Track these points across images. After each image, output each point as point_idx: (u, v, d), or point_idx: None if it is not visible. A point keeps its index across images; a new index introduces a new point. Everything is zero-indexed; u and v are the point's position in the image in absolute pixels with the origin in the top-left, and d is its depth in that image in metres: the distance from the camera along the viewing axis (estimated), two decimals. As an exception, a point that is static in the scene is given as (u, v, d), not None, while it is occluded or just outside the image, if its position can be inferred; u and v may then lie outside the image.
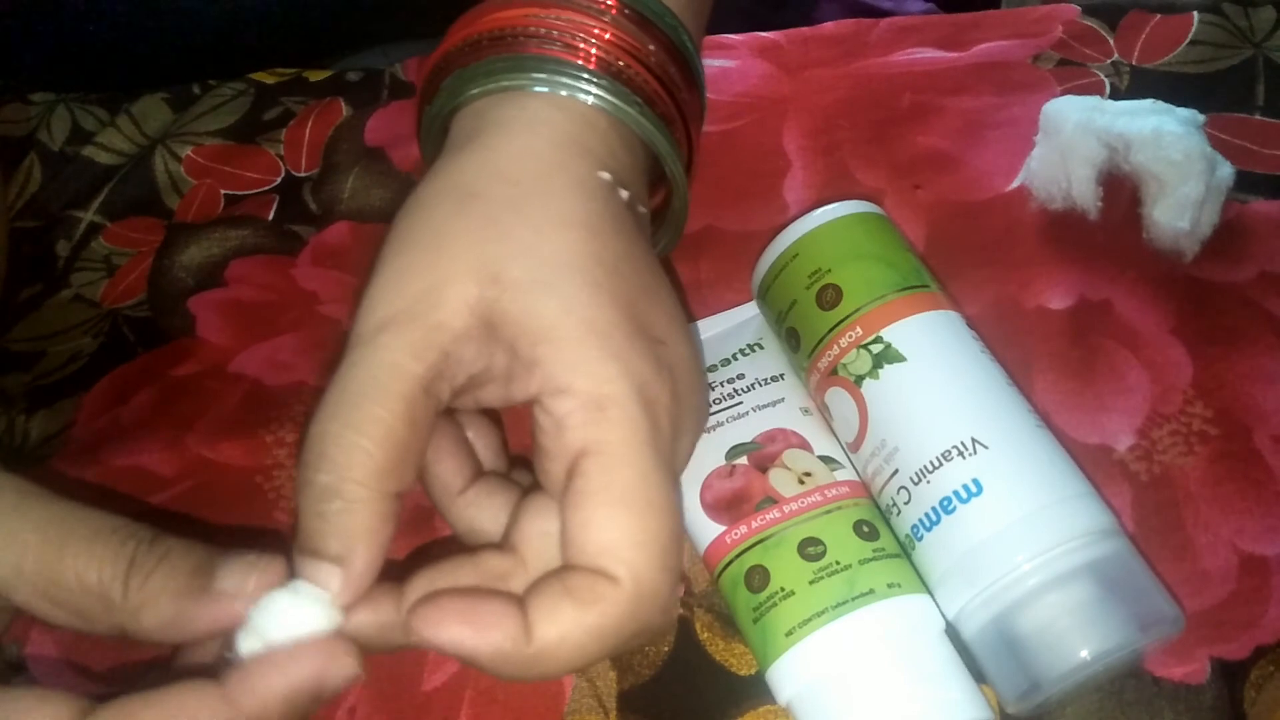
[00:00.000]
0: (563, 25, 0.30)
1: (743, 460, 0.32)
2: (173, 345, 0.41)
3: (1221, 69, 0.42)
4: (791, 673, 0.29)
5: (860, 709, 0.28)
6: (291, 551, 0.25)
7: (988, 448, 0.29)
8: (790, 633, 0.29)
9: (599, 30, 0.30)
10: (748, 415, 0.33)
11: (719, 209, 0.41)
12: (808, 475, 0.31)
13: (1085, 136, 0.37)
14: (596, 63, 0.30)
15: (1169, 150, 0.35)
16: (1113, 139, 0.36)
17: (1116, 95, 0.41)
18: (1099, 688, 0.30)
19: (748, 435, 0.33)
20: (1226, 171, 0.36)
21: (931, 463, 0.29)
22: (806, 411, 0.34)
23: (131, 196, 0.45)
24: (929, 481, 0.29)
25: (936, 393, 0.30)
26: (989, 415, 0.30)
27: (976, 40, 0.44)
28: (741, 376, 0.35)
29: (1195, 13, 0.43)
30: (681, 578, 0.26)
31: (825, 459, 0.32)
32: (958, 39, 0.44)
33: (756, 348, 0.36)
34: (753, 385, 0.34)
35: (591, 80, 0.30)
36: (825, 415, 0.33)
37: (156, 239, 0.44)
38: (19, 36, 0.52)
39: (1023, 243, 0.38)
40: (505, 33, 0.30)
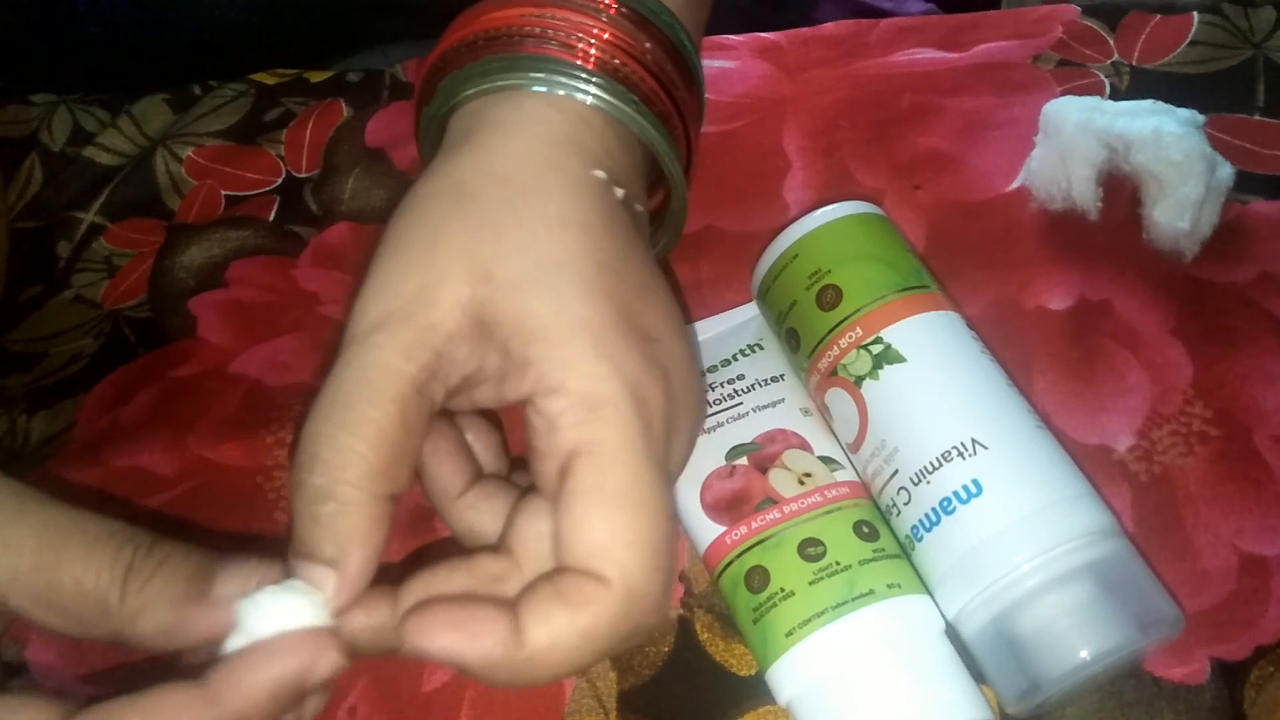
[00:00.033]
0: (559, 25, 0.30)
1: (743, 461, 0.32)
2: (173, 346, 0.41)
3: (1221, 69, 0.42)
4: (791, 673, 0.29)
5: (860, 709, 0.28)
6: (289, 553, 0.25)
7: (987, 448, 0.29)
8: (790, 633, 0.29)
9: (595, 29, 0.30)
10: (748, 416, 0.33)
11: (719, 209, 0.41)
12: (808, 476, 0.32)
13: (1085, 137, 0.37)
14: (593, 62, 0.30)
15: (1169, 151, 0.35)
16: (1113, 139, 0.36)
17: (1116, 96, 0.41)
18: (1099, 688, 0.30)
19: (748, 436, 0.33)
20: (1226, 172, 0.36)
21: (931, 463, 0.29)
22: (806, 412, 0.34)
23: (132, 197, 0.45)
24: (929, 482, 0.29)
25: (936, 393, 0.30)
26: (989, 416, 0.30)
27: (976, 41, 0.44)
28: (741, 377, 0.35)
29: (1195, 13, 0.43)
30: (676, 578, 0.26)
31: (825, 459, 0.32)
32: (958, 39, 0.44)
33: (756, 348, 0.36)
34: (753, 386, 0.34)
35: (588, 79, 0.30)
36: (825, 416, 0.33)
37: (157, 240, 0.44)
38: (20, 38, 0.52)
39: (1022, 243, 0.38)
40: (501, 32, 0.30)
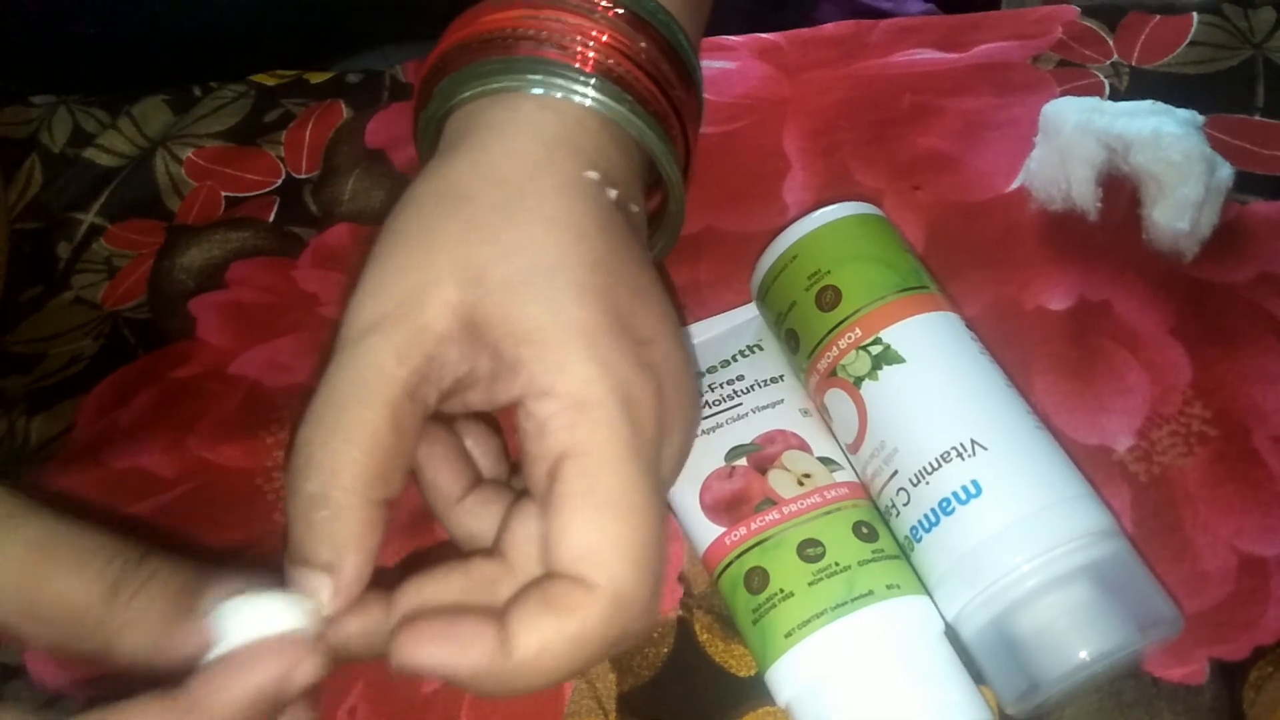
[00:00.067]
0: (555, 26, 0.30)
1: (742, 462, 0.32)
2: (173, 347, 0.41)
3: (1221, 70, 0.42)
4: (791, 674, 0.29)
5: (859, 710, 0.28)
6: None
7: (987, 449, 0.29)
8: (790, 634, 0.29)
9: (592, 31, 0.30)
10: (747, 417, 0.33)
11: (718, 210, 0.41)
12: (807, 477, 0.32)
13: (1085, 137, 0.37)
14: (590, 64, 0.30)
15: (1168, 151, 0.35)
16: (1112, 140, 0.36)
17: (1116, 96, 0.41)
18: (1098, 689, 0.30)
19: (747, 437, 0.33)
20: (1226, 172, 0.36)
21: (930, 464, 0.29)
22: (806, 413, 0.34)
23: (132, 198, 0.45)
24: (928, 483, 0.29)
25: (935, 394, 0.30)
26: (988, 416, 0.30)
27: (976, 41, 0.44)
28: (741, 378, 0.35)
29: (1195, 13, 0.43)
30: (664, 582, 0.26)
31: (824, 460, 0.32)
32: (957, 40, 0.44)
33: (756, 349, 0.36)
34: (752, 387, 0.34)
35: (584, 81, 0.30)
36: (824, 417, 0.33)
37: (157, 241, 0.44)
38: (20, 39, 0.52)
39: (1022, 244, 0.38)
40: (497, 35, 0.30)
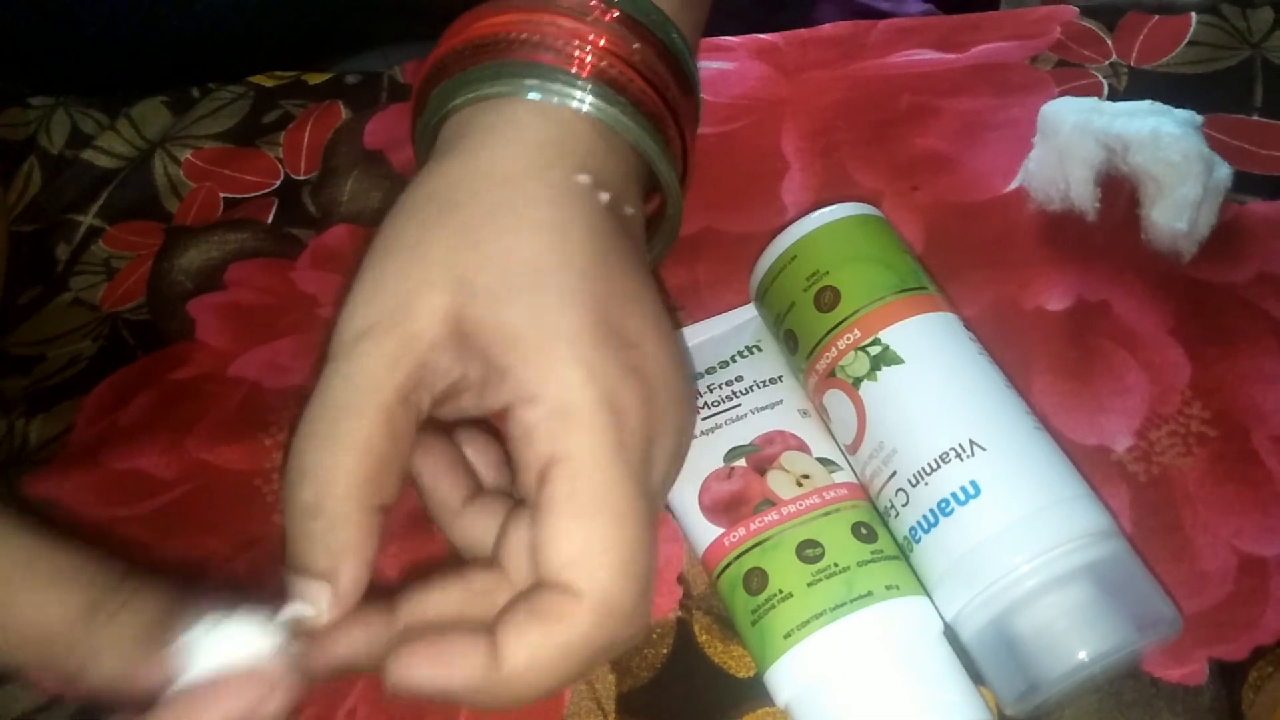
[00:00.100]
0: (549, 30, 0.30)
1: (741, 462, 0.32)
2: (172, 349, 0.41)
3: (1219, 70, 0.42)
4: (790, 675, 0.29)
5: (859, 711, 0.28)
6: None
7: (985, 449, 0.29)
8: (789, 635, 0.29)
9: (586, 33, 0.30)
10: (746, 417, 0.33)
11: (717, 211, 0.41)
12: (806, 477, 0.32)
13: (1083, 138, 0.37)
14: (587, 69, 0.30)
15: (1167, 151, 0.35)
16: (1111, 140, 0.36)
17: (1114, 96, 0.41)
18: (1097, 689, 0.30)
19: (746, 437, 0.33)
20: (1224, 172, 0.36)
21: (929, 465, 0.29)
22: (805, 414, 0.34)
23: (131, 200, 0.45)
24: (927, 483, 0.29)
25: (934, 395, 0.30)
26: (987, 417, 0.30)
27: (975, 41, 0.44)
28: (740, 379, 0.35)
29: (1193, 14, 0.43)
30: (653, 587, 0.26)
31: (823, 461, 0.32)
32: (956, 40, 0.44)
33: (755, 350, 0.36)
34: (751, 387, 0.34)
35: (579, 85, 0.30)
36: (823, 417, 0.33)
37: (156, 242, 0.44)
38: (19, 40, 0.52)
39: (1021, 244, 0.38)
40: (491, 40, 0.30)
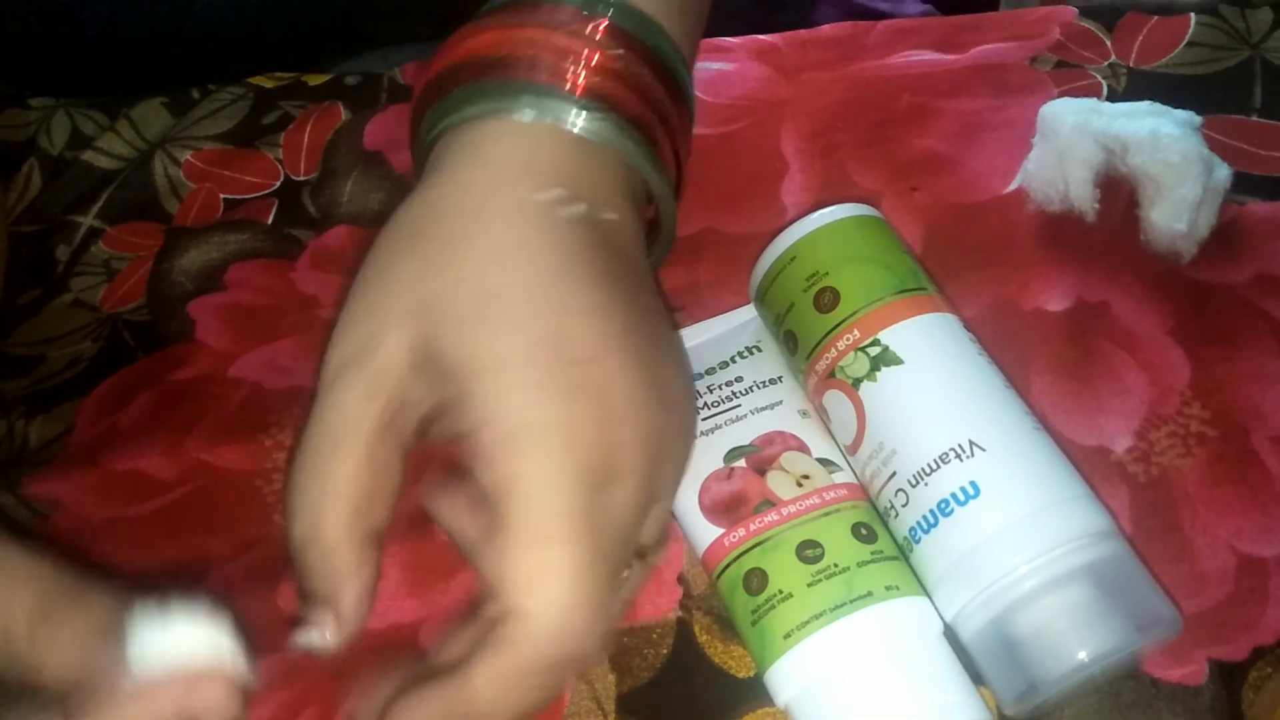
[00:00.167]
0: (530, 48, 0.30)
1: (741, 463, 0.32)
2: (172, 349, 0.41)
3: (1219, 70, 0.42)
4: (790, 675, 0.29)
5: (858, 711, 0.28)
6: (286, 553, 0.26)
7: (985, 450, 0.29)
8: (788, 635, 0.29)
9: (571, 46, 0.30)
10: (746, 418, 0.33)
11: (717, 212, 0.41)
12: (806, 478, 0.32)
13: (1082, 138, 0.37)
14: (576, 86, 0.30)
15: (1166, 152, 0.35)
16: (1110, 141, 0.36)
17: (1114, 97, 0.41)
18: (1097, 689, 0.30)
19: (746, 438, 0.33)
20: (1224, 173, 0.36)
21: (929, 465, 0.29)
22: (804, 414, 0.34)
23: (131, 201, 0.45)
24: (926, 484, 0.29)
25: (934, 395, 0.30)
26: (986, 418, 0.30)
27: (974, 42, 0.44)
28: (739, 379, 0.35)
29: (1192, 14, 0.43)
30: (612, 601, 0.26)
31: (823, 461, 0.32)
32: (955, 41, 0.44)
33: (754, 350, 0.36)
34: (751, 388, 0.34)
35: (557, 99, 0.29)
36: (823, 418, 0.33)
37: (156, 243, 0.44)
38: (18, 41, 0.52)
39: (1020, 245, 0.38)
40: (469, 61, 0.31)
